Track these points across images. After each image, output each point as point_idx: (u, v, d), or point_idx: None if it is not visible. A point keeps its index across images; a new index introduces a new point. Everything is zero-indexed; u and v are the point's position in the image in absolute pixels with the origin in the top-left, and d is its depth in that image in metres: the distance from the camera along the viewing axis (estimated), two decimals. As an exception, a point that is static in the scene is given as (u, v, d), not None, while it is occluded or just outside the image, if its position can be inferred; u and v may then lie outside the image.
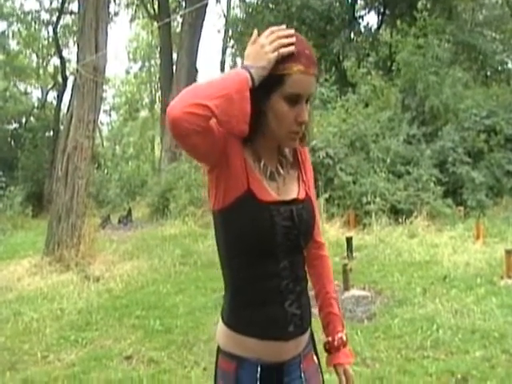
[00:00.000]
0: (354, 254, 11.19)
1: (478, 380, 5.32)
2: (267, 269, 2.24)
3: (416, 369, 5.66)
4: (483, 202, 15.18)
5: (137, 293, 9.59)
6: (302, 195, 2.36)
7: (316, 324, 2.48)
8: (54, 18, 34.06)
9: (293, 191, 2.35)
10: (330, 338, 2.55)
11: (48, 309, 8.75)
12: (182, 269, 11.27)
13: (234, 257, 2.28)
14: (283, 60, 2.12)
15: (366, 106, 18.31)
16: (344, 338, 2.57)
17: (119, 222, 21.29)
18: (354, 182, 14.87)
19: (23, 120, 36.06)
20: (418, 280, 9.16)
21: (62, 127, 27.91)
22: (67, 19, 37.35)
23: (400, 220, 13.60)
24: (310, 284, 2.48)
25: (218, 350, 2.37)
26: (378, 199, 14.02)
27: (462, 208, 14.69)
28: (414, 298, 8.14)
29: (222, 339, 2.33)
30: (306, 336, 2.41)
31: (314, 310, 2.40)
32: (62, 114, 31.54)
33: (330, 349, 2.56)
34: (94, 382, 5.85)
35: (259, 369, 2.26)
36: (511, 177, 16.30)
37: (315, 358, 2.52)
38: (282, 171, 2.33)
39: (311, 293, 2.47)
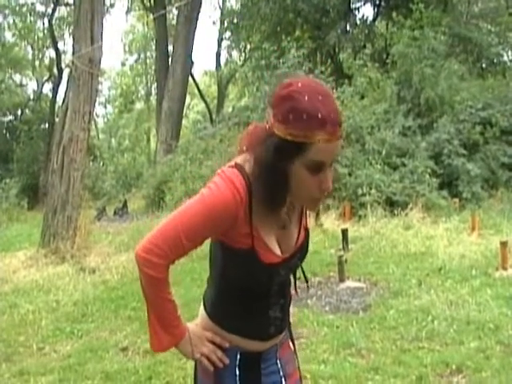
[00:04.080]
0: (350, 246, 11.19)
1: (472, 371, 5.34)
2: (258, 295, 2.28)
3: (411, 360, 5.67)
4: (478, 194, 15.21)
5: (132, 284, 9.57)
6: (302, 236, 2.35)
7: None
8: (50, 10, 34.04)
9: (294, 237, 2.31)
10: None
11: (44, 301, 8.75)
12: (178, 260, 11.24)
13: (226, 282, 2.30)
14: (305, 126, 1.95)
15: (362, 98, 18.29)
16: None
17: (115, 213, 21.30)
18: (350, 174, 14.86)
19: (18, 112, 36.01)
20: (413, 271, 9.17)
21: (57, 119, 27.90)
22: (62, 11, 37.33)
23: (395, 212, 13.59)
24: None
25: None
26: (373, 191, 14.02)
27: (457, 200, 14.71)
28: (409, 290, 8.16)
29: (204, 328, 2.36)
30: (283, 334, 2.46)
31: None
32: (57, 106, 31.45)
33: None
34: (90, 373, 5.86)
35: (238, 356, 2.29)
36: (506, 169, 16.33)
37: (291, 344, 2.56)
38: (292, 214, 2.28)
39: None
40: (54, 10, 33.14)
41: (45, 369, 6.00)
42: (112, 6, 37.71)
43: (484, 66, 25.38)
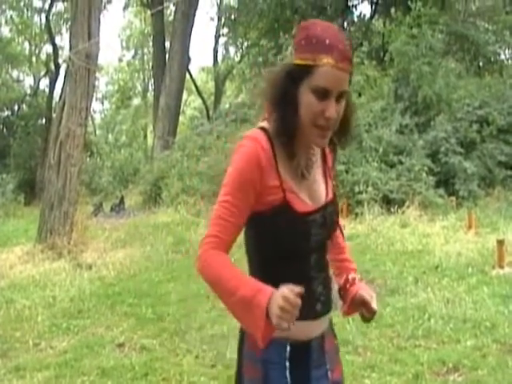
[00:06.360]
0: (347, 243, 11.17)
1: (469, 369, 5.34)
2: (298, 265, 2.29)
3: (407, 357, 5.68)
4: (475, 193, 15.22)
5: (129, 280, 9.59)
6: (330, 195, 2.40)
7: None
8: (47, 5, 33.99)
9: (322, 192, 2.37)
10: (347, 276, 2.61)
11: (40, 296, 8.73)
12: (175, 257, 11.28)
13: (264, 255, 2.30)
14: (313, 49, 2.09)
15: (359, 95, 18.29)
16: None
17: (111, 209, 21.24)
18: (347, 171, 14.87)
19: (15, 107, 35.91)
20: (410, 269, 9.18)
21: (54, 115, 27.83)
22: (60, 6, 37.25)
23: (392, 209, 13.61)
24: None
25: (242, 335, 2.36)
26: (370, 188, 14.04)
27: (454, 198, 14.72)
28: (405, 287, 8.16)
29: None
30: (329, 315, 2.47)
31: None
32: (54, 102, 31.40)
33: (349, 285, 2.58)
34: (86, 369, 5.85)
35: (288, 348, 2.26)
36: (503, 167, 16.35)
37: (334, 339, 2.55)
38: (311, 168, 2.35)
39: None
40: (51, 6, 33.12)
41: (41, 365, 6.00)
42: (109, 1, 37.65)
43: (481, 64, 25.44)
